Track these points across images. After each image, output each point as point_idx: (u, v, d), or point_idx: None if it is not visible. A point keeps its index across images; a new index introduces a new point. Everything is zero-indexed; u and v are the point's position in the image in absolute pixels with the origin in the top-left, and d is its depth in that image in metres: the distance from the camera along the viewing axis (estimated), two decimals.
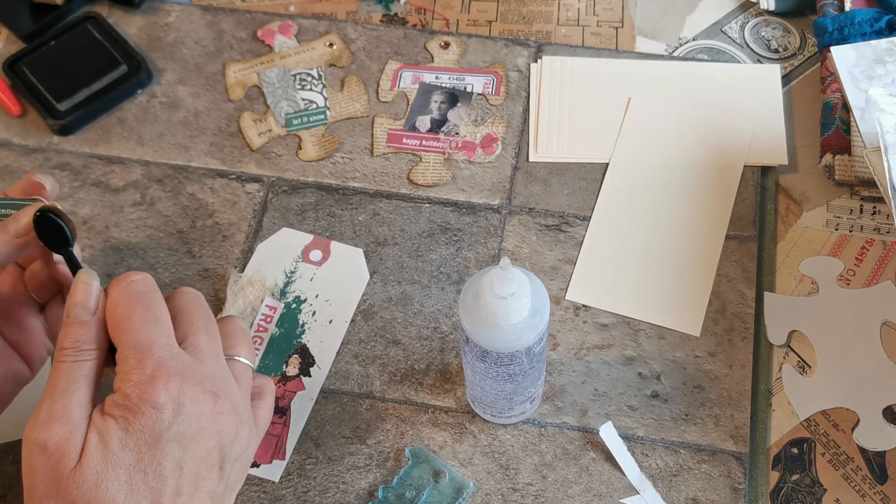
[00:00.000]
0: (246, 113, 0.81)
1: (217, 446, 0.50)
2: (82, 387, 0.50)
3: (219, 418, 0.50)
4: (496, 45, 0.85)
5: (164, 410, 0.48)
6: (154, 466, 0.48)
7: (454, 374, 0.70)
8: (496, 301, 0.55)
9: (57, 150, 0.80)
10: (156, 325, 0.51)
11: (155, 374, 0.49)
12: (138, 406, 0.48)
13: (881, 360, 0.69)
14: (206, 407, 0.50)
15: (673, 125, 0.80)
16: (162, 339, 0.50)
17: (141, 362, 0.49)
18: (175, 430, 0.48)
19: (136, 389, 0.48)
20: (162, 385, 0.48)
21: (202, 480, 0.50)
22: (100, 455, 0.47)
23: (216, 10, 0.87)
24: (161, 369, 0.49)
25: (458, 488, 0.65)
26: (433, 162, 0.78)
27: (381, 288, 0.73)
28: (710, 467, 0.66)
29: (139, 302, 0.51)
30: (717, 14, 0.87)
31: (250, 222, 0.76)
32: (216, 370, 0.52)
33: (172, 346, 0.51)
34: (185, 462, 0.49)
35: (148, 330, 0.50)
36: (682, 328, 0.71)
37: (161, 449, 0.48)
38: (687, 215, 0.75)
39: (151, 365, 0.49)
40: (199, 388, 0.50)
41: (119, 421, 0.48)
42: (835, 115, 0.78)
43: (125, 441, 0.48)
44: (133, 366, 0.49)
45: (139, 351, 0.49)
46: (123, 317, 0.51)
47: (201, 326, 0.53)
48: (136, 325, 0.50)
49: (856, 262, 0.73)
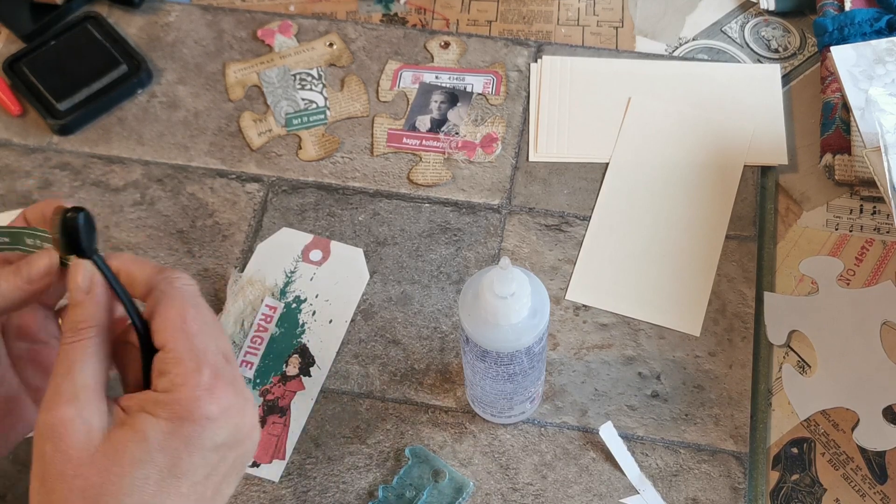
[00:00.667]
0: (246, 113, 0.81)
1: (248, 455, 0.50)
2: (86, 367, 0.48)
3: (253, 429, 0.50)
4: (496, 44, 0.85)
5: (218, 422, 0.47)
6: (190, 474, 0.47)
7: (454, 374, 0.70)
8: (496, 301, 0.55)
9: (57, 150, 0.80)
10: (209, 331, 0.50)
11: (213, 383, 0.47)
12: (192, 413, 0.47)
13: (881, 360, 0.69)
14: (248, 418, 0.49)
15: (673, 125, 0.80)
16: (213, 346, 0.49)
17: (198, 368, 0.48)
18: (218, 441, 0.47)
19: (191, 395, 0.47)
20: (219, 395, 0.47)
21: (228, 487, 0.49)
22: (131, 449, 0.46)
23: (216, 10, 0.87)
24: (217, 379, 0.48)
25: (458, 488, 0.65)
26: (433, 162, 0.78)
27: (381, 288, 0.73)
28: (710, 467, 0.66)
29: (193, 304, 0.50)
30: (717, 14, 0.87)
31: (250, 222, 0.76)
32: (237, 369, 0.51)
33: (219, 355, 0.50)
34: (218, 470, 0.48)
35: (203, 335, 0.49)
36: (682, 328, 0.71)
37: (202, 458, 0.47)
38: (687, 215, 0.75)
39: (209, 373, 0.48)
40: (242, 399, 0.49)
41: (162, 422, 0.47)
42: (835, 115, 0.78)
43: (165, 444, 0.46)
44: (190, 370, 0.48)
45: (195, 356, 0.48)
46: (179, 318, 0.49)
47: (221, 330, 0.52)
48: (195, 329, 0.49)
49: (856, 262, 0.73)
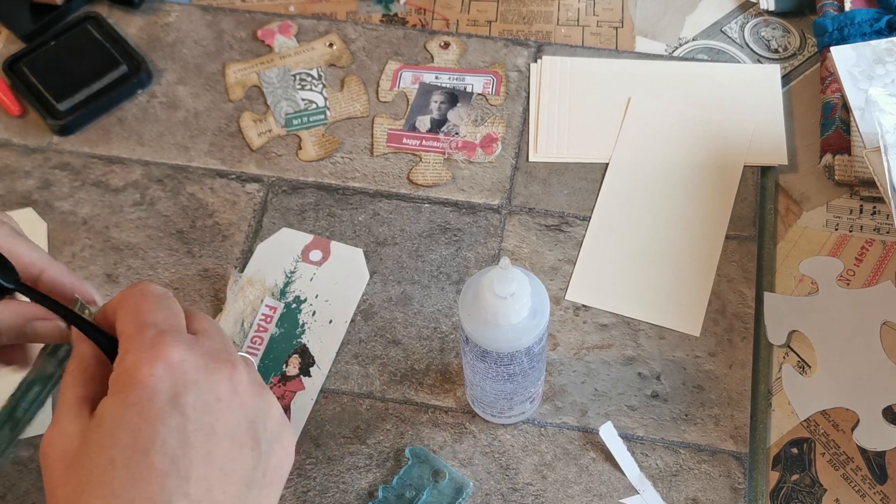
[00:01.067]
0: (246, 113, 0.81)
1: (244, 421, 0.45)
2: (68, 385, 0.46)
3: (240, 388, 0.45)
4: (496, 45, 0.85)
5: (164, 379, 0.42)
6: (157, 446, 0.42)
7: (454, 374, 0.70)
8: (496, 301, 0.55)
9: (57, 150, 0.80)
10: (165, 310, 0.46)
11: (156, 339, 0.43)
12: (135, 376, 0.43)
13: (881, 360, 0.69)
14: (222, 375, 0.44)
15: (673, 125, 0.80)
16: (169, 318, 0.46)
17: (141, 332, 0.44)
18: (182, 401, 0.43)
19: (133, 359, 0.43)
20: (164, 351, 0.43)
21: (231, 463, 0.44)
22: (94, 439, 0.43)
23: (216, 10, 0.87)
24: (162, 335, 0.44)
25: (458, 488, 0.65)
26: (433, 162, 0.78)
27: (381, 288, 0.73)
28: (710, 467, 0.66)
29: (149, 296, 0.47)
30: (717, 14, 0.87)
31: (250, 222, 0.76)
32: (224, 343, 0.47)
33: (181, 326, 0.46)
34: (201, 441, 0.43)
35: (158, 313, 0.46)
36: (682, 328, 0.71)
37: (165, 424, 0.42)
38: (687, 215, 0.75)
39: (152, 332, 0.44)
40: (211, 357, 0.44)
41: (114, 397, 0.43)
42: (835, 115, 0.78)
43: (119, 419, 0.42)
44: (132, 338, 0.44)
45: (140, 325, 0.45)
46: (135, 306, 0.46)
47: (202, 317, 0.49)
48: (146, 308, 0.46)
49: (856, 262, 0.73)
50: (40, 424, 0.68)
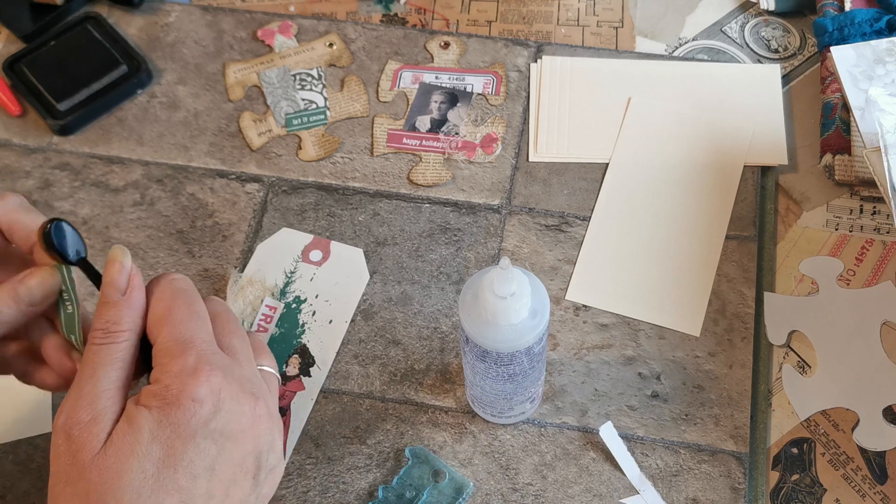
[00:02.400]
0: (246, 113, 0.81)
1: (254, 452, 0.48)
2: (111, 371, 0.47)
3: (258, 422, 0.48)
4: (496, 45, 0.85)
5: (205, 405, 0.46)
6: (185, 464, 0.45)
7: (454, 374, 0.70)
8: (496, 301, 0.55)
9: (57, 150, 0.80)
10: (198, 321, 0.49)
11: (197, 366, 0.46)
12: (178, 398, 0.46)
13: (881, 360, 0.69)
14: (247, 407, 0.48)
15: (673, 125, 0.80)
16: (203, 335, 0.49)
17: (183, 353, 0.47)
18: (212, 426, 0.46)
19: (176, 380, 0.46)
20: (205, 377, 0.46)
21: (234, 487, 0.47)
22: (127, 444, 0.45)
23: (216, 10, 0.87)
24: (203, 362, 0.47)
25: (458, 488, 0.65)
26: (433, 162, 0.79)
27: (381, 288, 0.73)
28: (710, 467, 0.66)
29: (181, 297, 0.50)
30: (717, 14, 0.87)
31: (250, 222, 0.76)
32: (253, 374, 0.50)
33: (213, 343, 0.49)
34: (219, 464, 0.47)
35: (190, 323, 0.48)
36: (682, 328, 0.71)
37: (195, 446, 0.46)
38: (687, 215, 0.75)
39: (193, 357, 0.47)
40: (239, 388, 0.48)
41: (153, 411, 0.46)
42: (835, 115, 0.78)
43: (156, 432, 0.45)
44: (175, 356, 0.47)
45: (181, 343, 0.47)
46: (166, 310, 0.49)
47: (234, 330, 0.51)
48: (179, 318, 0.48)
49: (856, 262, 0.73)
50: (39, 424, 0.68)
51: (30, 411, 0.68)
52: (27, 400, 0.68)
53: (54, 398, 0.68)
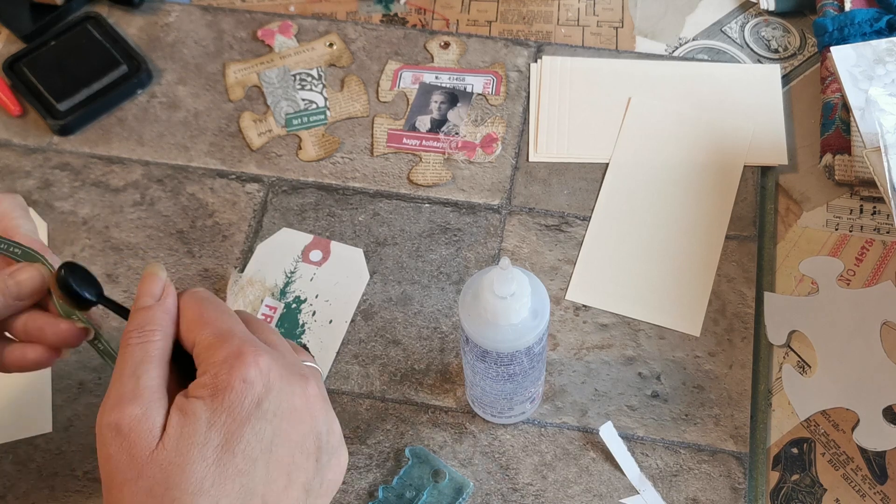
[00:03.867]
0: (246, 113, 0.81)
1: (312, 432, 0.48)
2: (151, 368, 0.47)
3: (311, 402, 0.48)
4: (496, 45, 0.85)
5: (255, 385, 0.46)
6: (243, 447, 0.45)
7: (454, 374, 0.70)
8: (496, 301, 0.55)
9: (57, 150, 0.80)
10: (231, 317, 0.49)
11: (242, 348, 0.46)
12: (227, 381, 0.45)
13: (881, 360, 0.69)
14: (298, 387, 0.47)
15: (673, 125, 0.80)
16: (240, 327, 0.49)
17: (225, 342, 0.47)
18: (266, 407, 0.46)
19: (224, 366, 0.46)
20: (252, 358, 0.46)
21: (297, 470, 0.47)
22: (185, 435, 0.45)
23: (216, 10, 0.87)
24: (248, 345, 0.47)
25: (458, 488, 0.65)
26: (433, 162, 0.79)
27: (381, 288, 0.73)
28: (710, 467, 0.66)
29: (210, 302, 0.50)
30: (717, 14, 0.87)
31: (250, 222, 0.76)
32: (297, 360, 0.50)
33: (252, 335, 0.49)
34: (276, 445, 0.46)
35: (226, 319, 0.49)
36: (682, 328, 0.71)
37: (252, 427, 0.45)
38: (687, 215, 0.75)
39: (237, 342, 0.47)
40: (288, 370, 0.47)
41: (206, 400, 0.45)
42: (835, 115, 0.78)
43: (212, 419, 0.45)
44: (217, 347, 0.47)
45: (221, 335, 0.47)
46: (197, 314, 0.49)
47: (268, 329, 0.51)
48: (213, 317, 0.49)
49: (856, 262, 0.73)
50: (39, 424, 0.68)
51: (30, 411, 0.68)
52: (27, 400, 0.68)
53: (54, 399, 0.68)
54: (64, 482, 0.65)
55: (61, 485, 0.65)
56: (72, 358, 0.70)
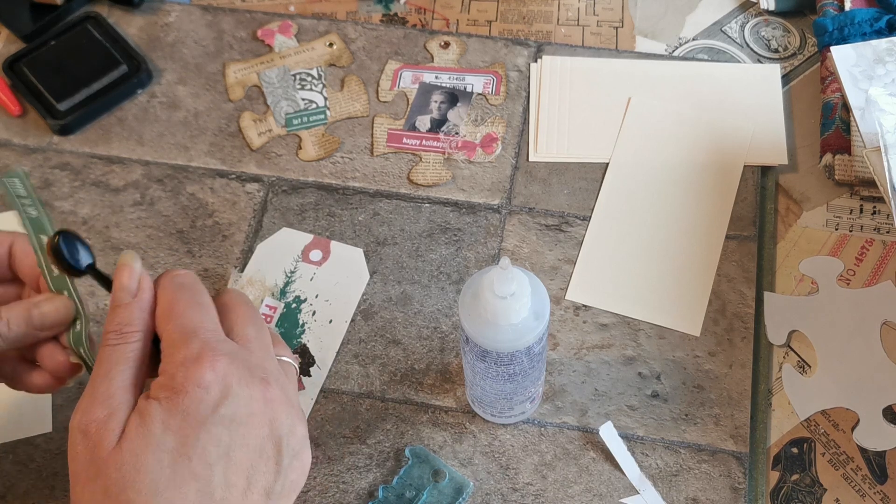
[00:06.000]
0: (246, 113, 0.81)
1: (271, 436, 0.48)
2: (125, 369, 0.48)
3: (271, 405, 0.48)
4: (496, 44, 0.85)
5: (211, 390, 0.46)
6: (199, 451, 0.45)
7: (454, 374, 0.70)
8: (496, 301, 0.55)
9: (57, 150, 0.80)
10: (201, 311, 0.49)
11: (201, 353, 0.47)
12: (183, 385, 0.46)
13: (881, 360, 0.69)
14: (257, 391, 0.47)
15: (673, 125, 0.80)
16: (207, 324, 0.49)
17: (186, 342, 0.47)
18: (222, 412, 0.46)
19: (181, 369, 0.46)
20: (208, 363, 0.46)
21: (256, 474, 0.47)
22: (140, 437, 0.45)
23: (216, 10, 0.87)
24: (207, 349, 0.47)
25: (458, 488, 0.65)
26: (433, 162, 0.79)
27: (381, 288, 0.73)
28: (710, 467, 0.66)
29: (184, 291, 0.50)
30: (717, 14, 0.87)
31: (250, 222, 0.76)
32: (265, 360, 0.50)
33: (219, 332, 0.49)
34: (234, 450, 0.46)
35: (193, 314, 0.49)
36: (682, 328, 0.71)
37: (207, 432, 0.46)
38: (687, 215, 0.75)
39: (197, 345, 0.47)
40: (248, 373, 0.47)
41: (162, 402, 0.46)
42: (835, 115, 0.78)
43: (167, 422, 0.45)
44: (178, 346, 0.47)
45: (184, 333, 0.48)
46: (169, 305, 0.49)
47: (248, 319, 0.51)
48: (181, 310, 0.49)
49: (856, 262, 0.73)
50: (39, 424, 0.68)
51: (30, 411, 0.68)
52: (27, 400, 0.68)
53: (54, 398, 0.69)
54: (64, 482, 0.65)
55: (61, 485, 0.65)
56: None
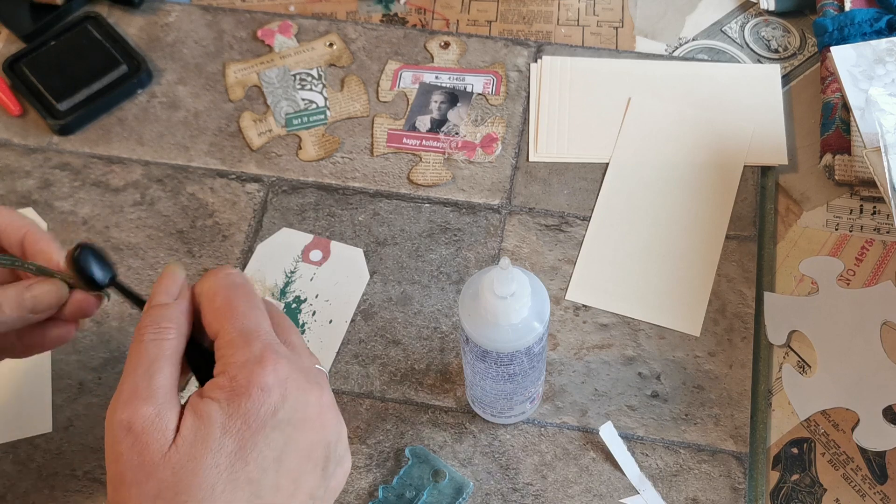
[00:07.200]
0: (246, 113, 0.81)
1: (321, 442, 0.47)
2: (165, 366, 0.46)
3: (324, 411, 0.48)
4: (496, 45, 0.85)
5: (272, 393, 0.45)
6: (255, 455, 0.44)
7: (454, 374, 0.70)
8: (496, 301, 0.55)
9: (57, 150, 0.80)
10: (259, 312, 0.49)
11: (263, 355, 0.46)
12: (246, 388, 0.45)
13: (881, 360, 0.69)
14: (313, 397, 0.47)
15: (673, 125, 0.80)
16: (265, 326, 0.48)
17: (248, 343, 0.46)
18: (280, 416, 0.45)
19: (243, 370, 0.45)
20: (271, 367, 0.45)
21: (303, 478, 0.47)
22: (199, 439, 0.44)
23: (216, 10, 0.87)
24: (270, 351, 0.46)
25: (458, 488, 0.65)
26: (433, 162, 0.79)
27: (381, 288, 0.73)
28: (710, 467, 0.66)
29: (241, 290, 0.49)
30: (717, 14, 0.87)
31: (250, 222, 0.76)
32: (313, 367, 0.50)
33: (275, 335, 0.48)
34: (287, 454, 0.46)
35: (253, 315, 0.48)
36: (682, 328, 0.71)
37: (265, 436, 0.45)
38: (687, 215, 0.75)
39: (259, 346, 0.46)
40: (304, 378, 0.47)
41: (222, 403, 0.45)
42: (835, 115, 0.78)
43: (228, 425, 0.44)
44: (240, 347, 0.46)
45: (245, 334, 0.47)
46: (226, 303, 0.48)
47: (290, 327, 0.51)
48: (242, 310, 0.48)
49: (856, 262, 0.73)
50: (39, 424, 0.68)
51: (30, 411, 0.68)
52: (27, 400, 0.68)
53: (54, 398, 0.68)
54: (64, 482, 0.66)
55: (61, 485, 0.65)
56: (72, 358, 0.70)
